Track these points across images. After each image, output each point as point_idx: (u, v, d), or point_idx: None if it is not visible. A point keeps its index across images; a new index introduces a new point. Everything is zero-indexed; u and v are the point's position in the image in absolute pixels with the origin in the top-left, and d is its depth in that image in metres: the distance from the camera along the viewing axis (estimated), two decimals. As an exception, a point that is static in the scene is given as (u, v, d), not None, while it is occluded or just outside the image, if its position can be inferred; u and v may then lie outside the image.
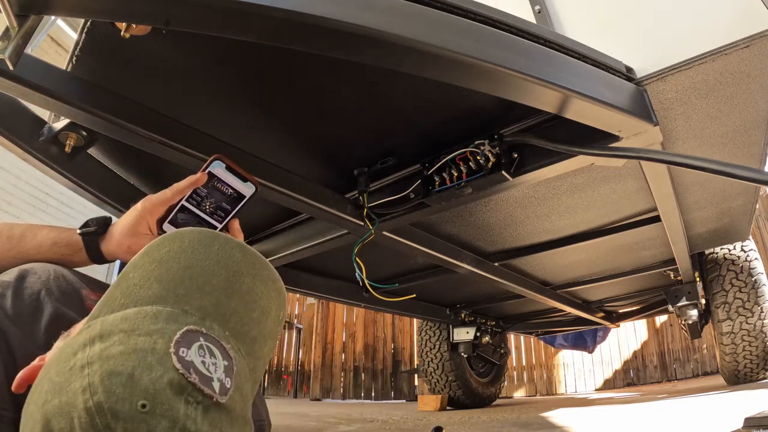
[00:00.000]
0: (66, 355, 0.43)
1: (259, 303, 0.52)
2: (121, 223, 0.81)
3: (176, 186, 0.82)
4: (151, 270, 0.50)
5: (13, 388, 0.49)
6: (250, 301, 0.51)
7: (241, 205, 0.88)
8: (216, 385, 0.43)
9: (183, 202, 0.84)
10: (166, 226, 0.85)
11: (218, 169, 0.85)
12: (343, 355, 6.95)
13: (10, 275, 0.68)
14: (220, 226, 0.89)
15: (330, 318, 7.26)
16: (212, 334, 0.46)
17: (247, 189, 0.88)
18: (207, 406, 0.42)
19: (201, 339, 0.44)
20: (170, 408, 0.39)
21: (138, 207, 0.81)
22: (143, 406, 0.39)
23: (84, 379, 0.40)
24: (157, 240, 0.53)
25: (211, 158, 0.85)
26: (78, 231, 0.80)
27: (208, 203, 0.87)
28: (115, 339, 0.42)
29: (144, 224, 0.81)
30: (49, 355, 0.53)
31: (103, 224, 0.82)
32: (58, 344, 0.54)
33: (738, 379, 2.70)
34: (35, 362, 0.51)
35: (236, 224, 0.89)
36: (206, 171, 0.84)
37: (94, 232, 0.80)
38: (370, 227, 1.33)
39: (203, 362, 0.43)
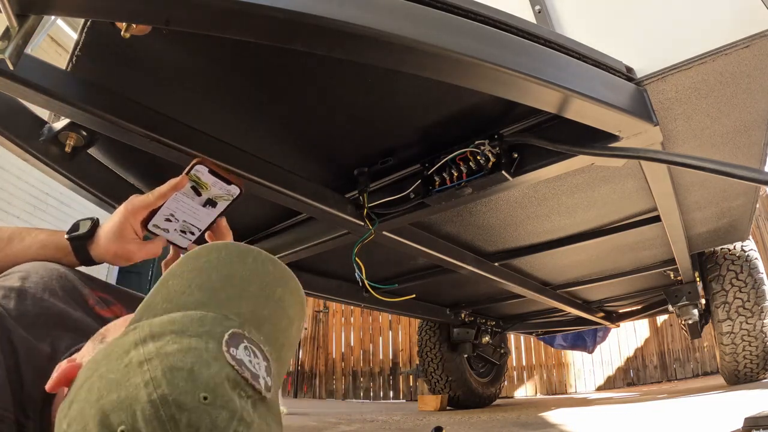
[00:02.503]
0: (117, 354, 0.45)
1: (287, 312, 0.55)
2: (106, 228, 0.82)
3: (158, 190, 0.83)
4: (191, 278, 0.52)
5: (48, 387, 0.51)
6: (280, 309, 0.55)
7: (225, 207, 0.88)
8: (262, 382, 0.46)
9: (166, 204, 0.84)
10: (151, 227, 0.85)
11: (201, 172, 0.86)
12: (343, 363, 6.96)
13: (12, 278, 0.68)
14: (203, 228, 0.89)
15: (329, 329, 7.28)
16: (252, 337, 0.49)
17: (231, 190, 0.88)
18: (255, 401, 0.45)
19: (245, 341, 0.48)
20: (229, 400, 0.42)
21: (121, 210, 0.82)
22: (205, 398, 0.41)
23: (145, 374, 0.42)
24: (194, 251, 0.56)
25: (193, 162, 0.86)
26: (66, 236, 0.80)
27: (191, 206, 0.87)
28: (167, 339, 0.45)
29: (128, 228, 0.82)
30: (82, 356, 0.54)
31: (91, 227, 0.82)
32: (95, 346, 0.56)
33: (738, 379, 2.70)
34: (64, 364, 0.52)
35: (223, 223, 0.91)
36: (188, 174, 0.85)
37: (82, 237, 0.80)
38: (370, 227, 1.33)
39: (250, 361, 0.46)
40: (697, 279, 2.68)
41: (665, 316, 5.83)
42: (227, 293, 0.51)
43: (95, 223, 0.83)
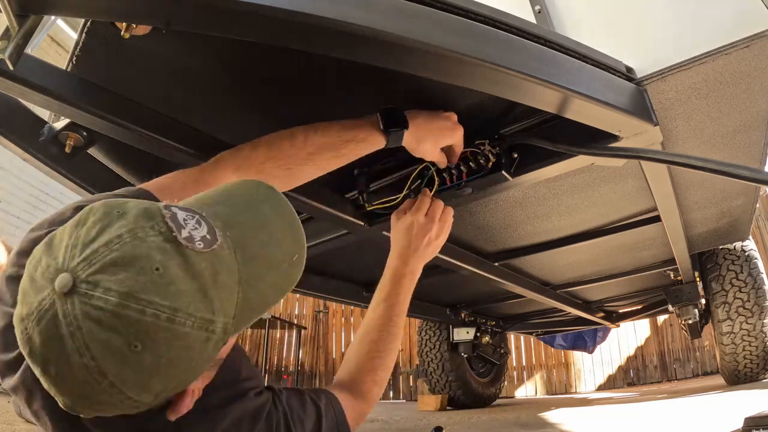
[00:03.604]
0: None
1: (269, 228, 0.57)
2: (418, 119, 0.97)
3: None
4: (201, 194, 0.58)
5: None
6: (261, 223, 0.57)
7: None
8: (184, 233, 0.48)
9: None
10: None
11: None
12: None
13: None
14: None
15: (329, 329, 7.27)
16: (212, 222, 0.51)
17: None
18: (165, 238, 0.47)
19: (197, 216, 0.51)
20: (134, 218, 0.48)
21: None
22: (118, 211, 0.49)
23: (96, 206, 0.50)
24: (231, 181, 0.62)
25: None
26: (385, 131, 0.93)
27: None
28: (133, 204, 0.51)
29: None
30: None
31: (404, 120, 0.95)
32: None
33: (738, 379, 2.70)
34: None
35: None
36: None
37: (401, 131, 0.94)
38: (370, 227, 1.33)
39: (185, 219, 0.50)
40: (697, 279, 2.68)
41: (665, 316, 5.83)
42: (212, 200, 0.56)
43: (404, 115, 0.96)
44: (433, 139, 0.99)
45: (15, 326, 0.47)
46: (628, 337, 6.46)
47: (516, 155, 1.12)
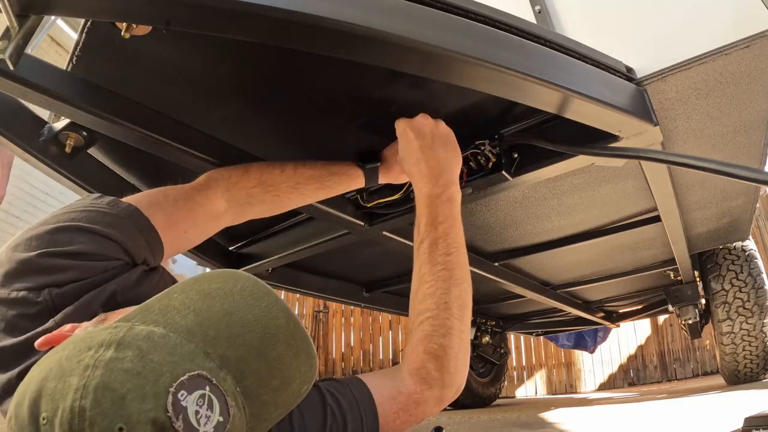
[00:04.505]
0: (83, 346, 0.45)
1: (283, 372, 0.51)
2: (389, 154, 1.06)
3: None
4: (194, 300, 0.50)
5: (37, 344, 0.53)
6: (275, 368, 0.50)
7: None
8: None
9: None
10: None
11: None
12: (343, 363, 6.95)
13: None
14: None
15: (329, 329, 7.27)
16: (221, 386, 0.46)
17: None
18: None
19: (207, 388, 0.45)
20: None
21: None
22: (120, 429, 0.40)
23: (83, 379, 0.42)
24: (213, 272, 0.54)
25: None
26: (361, 166, 1.06)
27: None
28: (128, 354, 0.44)
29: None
30: (78, 330, 0.55)
31: (378, 157, 1.06)
32: (89, 327, 0.55)
33: (738, 379, 2.70)
34: (66, 328, 0.55)
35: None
36: None
37: (376, 167, 1.04)
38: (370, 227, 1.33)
39: (197, 412, 0.43)
40: (697, 279, 2.68)
41: (665, 316, 5.83)
42: (219, 331, 0.48)
43: (378, 154, 1.05)
44: (403, 178, 1.07)
45: None
46: (628, 337, 6.46)
47: (516, 155, 1.12)
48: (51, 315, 0.61)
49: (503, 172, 1.10)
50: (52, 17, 4.13)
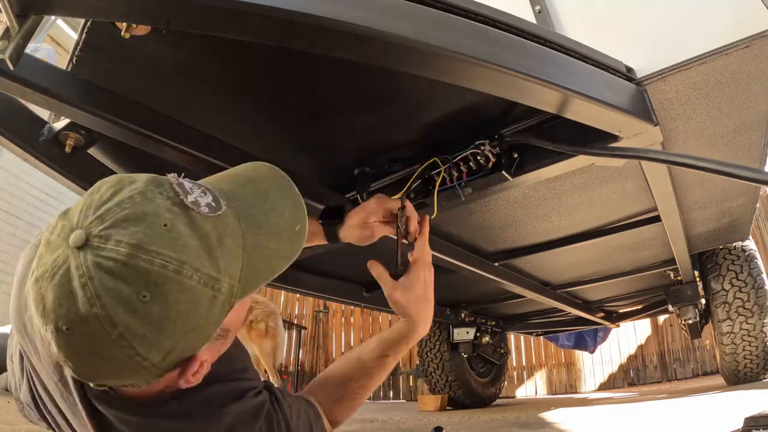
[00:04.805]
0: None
1: (271, 199, 0.61)
2: (355, 216, 0.98)
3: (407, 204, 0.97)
4: (218, 174, 0.63)
5: None
6: (262, 196, 0.61)
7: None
8: (190, 198, 0.52)
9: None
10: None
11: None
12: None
13: None
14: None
15: (329, 329, 7.27)
16: (216, 193, 0.55)
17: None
18: (173, 202, 0.51)
19: (203, 188, 0.55)
20: (144, 184, 0.52)
21: (371, 204, 0.97)
22: (130, 180, 0.52)
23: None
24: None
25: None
26: (320, 221, 1.00)
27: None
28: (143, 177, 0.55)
29: (372, 217, 0.97)
30: None
31: (341, 214, 1.00)
32: None
33: (738, 379, 2.70)
34: None
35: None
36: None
37: (334, 223, 0.99)
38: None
39: (191, 188, 0.53)
40: (697, 279, 2.68)
41: (665, 316, 5.83)
42: (217, 179, 0.61)
43: (343, 210, 1.00)
44: (364, 238, 1.00)
45: (29, 292, 0.49)
46: (628, 337, 6.46)
47: (516, 155, 1.12)
48: None
49: (503, 172, 1.10)
50: (52, 17, 4.13)
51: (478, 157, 1.12)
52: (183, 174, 0.57)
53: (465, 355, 3.47)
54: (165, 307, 0.47)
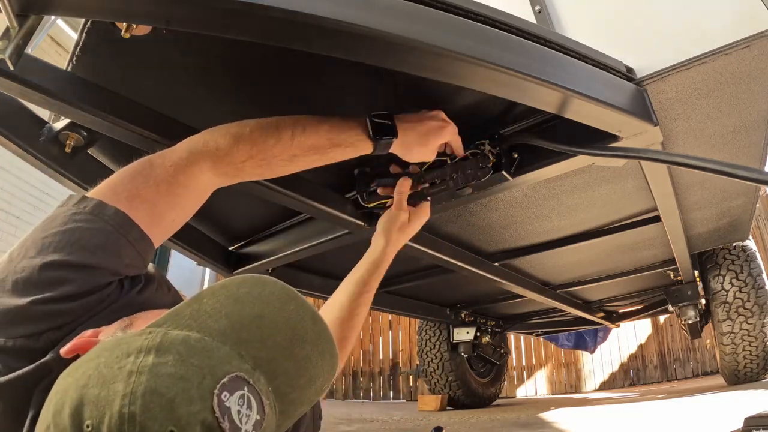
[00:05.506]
0: (121, 352, 0.45)
1: (309, 371, 0.53)
2: (411, 132, 0.95)
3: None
4: (225, 304, 0.51)
5: (63, 352, 0.53)
6: (302, 367, 0.52)
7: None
8: None
9: None
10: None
11: None
12: (343, 363, 6.95)
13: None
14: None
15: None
16: (256, 386, 0.47)
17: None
18: None
19: (245, 388, 0.46)
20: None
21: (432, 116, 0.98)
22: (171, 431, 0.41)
23: (129, 385, 0.42)
24: (239, 277, 0.55)
25: None
26: (376, 138, 0.91)
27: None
28: (169, 358, 0.44)
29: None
30: (103, 336, 0.55)
31: (393, 130, 0.93)
32: (117, 333, 0.56)
33: (738, 379, 2.70)
34: (89, 333, 0.55)
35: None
36: None
37: (389, 140, 0.92)
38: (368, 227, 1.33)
39: (239, 411, 0.45)
40: (697, 279, 2.68)
41: (665, 316, 5.83)
42: (251, 333, 0.50)
43: (393, 123, 0.93)
44: (422, 144, 0.97)
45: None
46: (628, 337, 6.46)
47: (516, 155, 1.12)
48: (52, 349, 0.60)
49: (503, 172, 1.10)
50: (52, 17, 4.13)
51: (478, 157, 1.11)
52: (235, 374, 0.46)
53: (465, 355, 3.47)
54: None
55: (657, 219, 1.62)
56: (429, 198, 1.16)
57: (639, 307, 3.64)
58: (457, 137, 1.04)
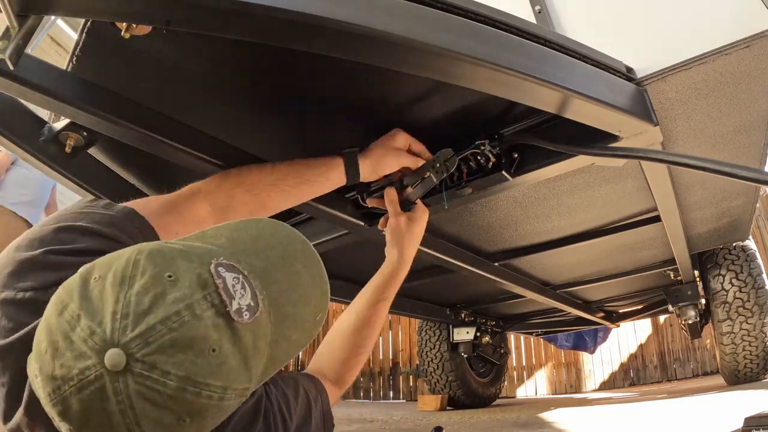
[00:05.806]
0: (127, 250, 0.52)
1: (301, 287, 0.58)
2: (379, 145, 1.04)
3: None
4: (226, 230, 0.59)
5: None
6: (294, 282, 0.57)
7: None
8: (234, 304, 0.48)
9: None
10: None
11: None
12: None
13: None
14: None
15: (330, 326, 7.26)
16: (252, 281, 0.51)
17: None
18: (218, 312, 0.47)
19: (240, 276, 0.50)
20: (189, 289, 0.46)
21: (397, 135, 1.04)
22: (169, 276, 0.47)
23: (134, 252, 0.49)
24: (241, 219, 0.62)
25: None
26: (343, 152, 1.02)
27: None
28: (176, 245, 0.52)
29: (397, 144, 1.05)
30: None
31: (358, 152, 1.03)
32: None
33: (738, 379, 2.70)
34: None
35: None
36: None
37: (353, 152, 1.01)
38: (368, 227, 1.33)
39: (233, 286, 0.49)
40: (697, 279, 2.68)
41: (665, 316, 5.83)
42: (247, 247, 0.56)
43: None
44: (385, 164, 1.06)
45: (42, 380, 0.45)
46: (628, 337, 6.46)
47: (516, 155, 1.12)
48: None
49: (503, 172, 1.10)
50: (52, 17, 4.12)
51: (478, 157, 1.12)
52: (231, 263, 0.51)
53: (465, 355, 3.47)
54: (201, 426, 0.47)
55: (657, 219, 1.62)
56: (419, 199, 1.15)
57: (639, 307, 3.64)
58: (413, 142, 1.08)
